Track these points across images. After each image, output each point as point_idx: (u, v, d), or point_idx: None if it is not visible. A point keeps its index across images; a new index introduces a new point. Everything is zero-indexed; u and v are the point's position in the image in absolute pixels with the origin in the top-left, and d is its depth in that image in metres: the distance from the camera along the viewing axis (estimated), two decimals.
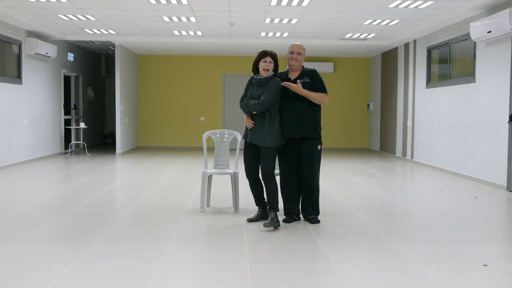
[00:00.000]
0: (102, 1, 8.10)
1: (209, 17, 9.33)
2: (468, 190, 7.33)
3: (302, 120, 5.02)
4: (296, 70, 5.15)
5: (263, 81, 4.91)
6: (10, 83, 9.74)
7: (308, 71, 5.16)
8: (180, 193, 6.93)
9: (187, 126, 14.62)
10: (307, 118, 5.04)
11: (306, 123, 5.04)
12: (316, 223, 5.09)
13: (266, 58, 4.93)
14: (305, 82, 5.04)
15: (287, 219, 5.15)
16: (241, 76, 14.37)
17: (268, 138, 4.86)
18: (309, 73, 5.14)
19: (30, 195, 6.66)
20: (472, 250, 4.20)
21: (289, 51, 5.13)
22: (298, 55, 5.09)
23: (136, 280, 3.39)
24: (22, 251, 4.02)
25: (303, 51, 5.14)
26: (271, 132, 4.87)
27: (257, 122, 4.92)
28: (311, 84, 5.04)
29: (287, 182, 5.18)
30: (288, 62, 5.16)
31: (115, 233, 4.67)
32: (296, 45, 5.15)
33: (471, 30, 7.89)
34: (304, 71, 5.16)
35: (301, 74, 5.12)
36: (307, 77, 5.09)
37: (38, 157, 10.93)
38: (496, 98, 7.67)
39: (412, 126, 11.24)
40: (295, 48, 5.11)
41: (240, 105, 5.04)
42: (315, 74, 5.14)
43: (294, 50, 5.10)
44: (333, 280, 3.42)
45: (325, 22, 9.65)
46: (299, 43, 5.25)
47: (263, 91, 4.87)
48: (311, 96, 4.99)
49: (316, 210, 5.20)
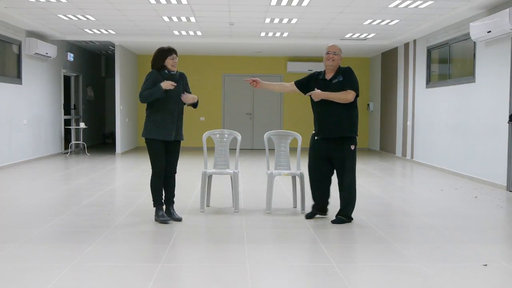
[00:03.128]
0: (102, 1, 8.10)
1: (209, 17, 9.33)
2: (468, 190, 7.33)
3: (336, 121, 5.03)
4: (333, 70, 5.16)
5: (178, 76, 5.05)
6: (10, 83, 9.74)
7: (343, 69, 5.17)
8: (180, 193, 6.91)
9: (187, 126, 14.56)
10: (342, 118, 5.04)
11: (340, 123, 5.04)
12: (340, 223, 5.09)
13: (173, 55, 5.00)
14: (338, 82, 5.06)
15: (309, 214, 5.29)
16: (241, 76, 14.38)
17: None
18: (343, 71, 5.15)
19: (30, 195, 6.66)
20: (472, 250, 4.20)
21: (325, 52, 5.16)
22: (334, 55, 5.09)
23: (136, 280, 3.39)
24: (22, 251, 4.02)
25: (339, 51, 5.14)
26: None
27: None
28: (343, 81, 5.07)
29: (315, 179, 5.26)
30: (324, 63, 5.17)
31: (115, 233, 4.66)
32: (332, 46, 5.18)
33: (471, 30, 7.89)
34: (339, 70, 5.16)
35: (336, 74, 5.13)
36: (341, 75, 5.11)
37: (38, 157, 10.92)
38: (496, 98, 7.67)
39: (412, 126, 11.24)
40: (331, 49, 5.12)
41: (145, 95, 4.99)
42: (349, 72, 5.13)
43: (330, 50, 5.11)
44: (333, 280, 3.42)
45: (325, 22, 9.65)
46: (333, 43, 5.33)
47: (182, 86, 5.07)
48: (330, 96, 5.00)
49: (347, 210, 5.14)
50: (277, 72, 14.53)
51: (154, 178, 5.06)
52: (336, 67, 5.15)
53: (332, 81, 5.08)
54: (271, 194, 5.60)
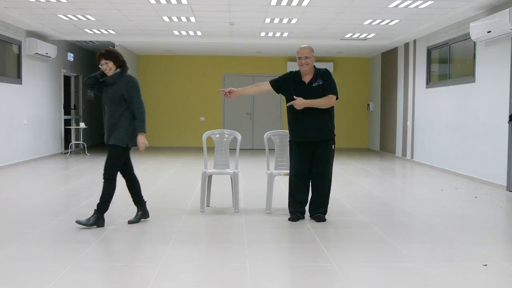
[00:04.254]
0: (102, 1, 8.10)
1: (209, 17, 9.33)
2: (468, 190, 7.33)
3: (316, 124, 5.05)
4: (309, 72, 5.12)
5: (112, 80, 4.86)
6: (10, 83, 9.74)
7: (321, 72, 5.14)
8: (180, 193, 6.93)
9: (187, 126, 14.62)
10: (322, 121, 5.08)
11: (321, 126, 5.08)
12: (322, 221, 5.13)
13: (101, 62, 4.83)
14: (318, 85, 5.05)
15: (293, 217, 5.19)
16: (241, 76, 14.38)
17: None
18: (322, 74, 5.12)
19: (30, 195, 6.65)
20: (472, 250, 4.20)
21: (297, 57, 5.11)
22: (306, 59, 5.04)
23: (136, 280, 3.39)
24: (22, 251, 4.02)
25: (310, 53, 5.07)
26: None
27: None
28: (323, 85, 5.05)
29: (299, 183, 5.20)
30: (299, 68, 5.13)
31: (115, 233, 4.66)
32: (302, 49, 5.08)
33: (471, 30, 7.89)
34: (317, 73, 5.13)
35: (314, 77, 5.10)
36: (321, 79, 5.08)
37: (38, 157, 10.92)
38: (496, 98, 7.67)
39: (412, 126, 11.24)
40: (302, 54, 5.05)
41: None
42: (328, 75, 5.12)
43: (302, 56, 5.05)
44: (333, 280, 3.42)
45: (325, 22, 9.65)
46: (305, 44, 5.18)
47: (116, 89, 4.84)
48: (315, 104, 5.00)
49: (325, 208, 5.23)
50: (277, 72, 14.45)
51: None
52: (312, 69, 5.13)
53: (312, 85, 5.06)
54: (271, 194, 5.60)
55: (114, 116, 4.86)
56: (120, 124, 4.85)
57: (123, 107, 4.86)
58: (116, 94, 4.84)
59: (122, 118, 4.86)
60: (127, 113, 4.89)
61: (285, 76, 5.26)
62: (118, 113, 4.86)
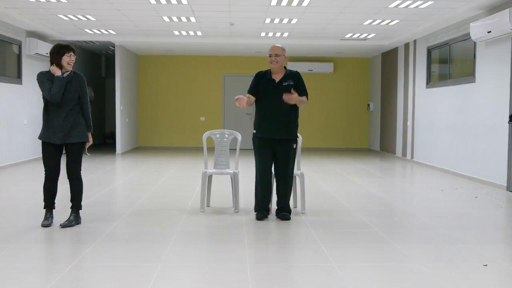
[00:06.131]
0: (102, 1, 8.10)
1: (209, 17, 9.33)
2: (468, 190, 7.33)
3: (283, 122, 5.14)
4: (279, 71, 5.20)
5: (70, 77, 4.92)
6: (10, 83, 9.74)
7: (292, 73, 5.24)
8: (180, 193, 6.93)
9: (187, 126, 14.61)
10: (289, 120, 5.18)
11: (287, 125, 5.17)
12: (286, 219, 5.20)
13: (70, 52, 4.88)
14: (288, 85, 5.13)
15: (260, 215, 5.24)
16: (241, 76, 14.37)
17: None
18: (293, 75, 5.21)
19: (30, 195, 6.65)
20: (472, 250, 4.20)
21: (268, 54, 5.20)
22: (277, 57, 5.13)
23: (136, 280, 3.39)
24: (22, 251, 4.02)
25: (281, 51, 5.16)
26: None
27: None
28: (295, 86, 5.13)
29: (264, 179, 5.26)
30: (269, 65, 5.20)
31: (115, 233, 4.67)
32: (274, 48, 5.18)
33: (471, 30, 7.89)
34: (288, 73, 5.22)
35: (284, 77, 5.18)
36: (291, 79, 5.17)
37: (38, 157, 10.90)
38: (496, 98, 7.67)
39: (412, 126, 11.24)
40: (273, 51, 5.15)
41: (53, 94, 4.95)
42: (299, 77, 5.24)
43: (272, 53, 5.15)
44: (333, 280, 3.42)
45: (325, 22, 9.65)
46: (278, 44, 5.28)
47: (73, 86, 4.90)
48: (303, 100, 5.12)
49: (289, 207, 5.32)
50: None
51: (44, 180, 5.09)
52: (282, 68, 5.20)
53: (282, 84, 5.14)
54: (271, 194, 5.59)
55: (72, 114, 4.92)
56: (78, 122, 4.94)
57: (78, 104, 4.95)
58: (74, 92, 4.90)
59: (78, 116, 4.96)
60: (80, 110, 4.97)
61: (256, 78, 5.29)
62: (75, 110, 4.93)
